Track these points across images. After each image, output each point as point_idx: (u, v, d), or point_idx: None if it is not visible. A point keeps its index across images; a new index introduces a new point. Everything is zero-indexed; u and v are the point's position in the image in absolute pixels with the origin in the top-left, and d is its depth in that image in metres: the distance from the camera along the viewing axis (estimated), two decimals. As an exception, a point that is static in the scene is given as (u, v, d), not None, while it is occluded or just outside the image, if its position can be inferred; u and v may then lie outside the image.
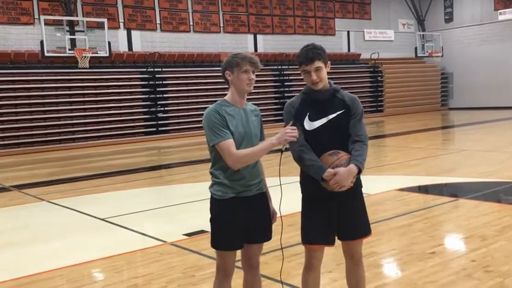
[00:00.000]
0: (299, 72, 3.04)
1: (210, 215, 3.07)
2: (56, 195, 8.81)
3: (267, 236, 3.14)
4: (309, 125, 3.00)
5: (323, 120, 2.99)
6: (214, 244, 3.06)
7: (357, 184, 3.05)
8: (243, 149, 2.90)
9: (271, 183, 3.29)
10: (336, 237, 3.10)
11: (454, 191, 7.90)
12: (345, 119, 2.99)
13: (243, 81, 2.95)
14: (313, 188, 2.99)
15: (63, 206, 7.82)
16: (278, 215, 3.21)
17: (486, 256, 4.50)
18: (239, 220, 2.99)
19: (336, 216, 3.04)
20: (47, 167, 13.31)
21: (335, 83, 3.11)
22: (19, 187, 9.94)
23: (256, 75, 3.04)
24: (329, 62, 3.03)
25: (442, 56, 27.79)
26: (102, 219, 6.78)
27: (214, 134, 2.89)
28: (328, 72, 3.03)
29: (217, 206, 3.01)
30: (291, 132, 2.80)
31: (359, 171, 2.89)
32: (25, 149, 16.77)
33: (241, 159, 2.88)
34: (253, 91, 3.23)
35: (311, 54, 2.93)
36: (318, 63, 2.93)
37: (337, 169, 2.84)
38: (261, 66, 3.02)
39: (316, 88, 2.99)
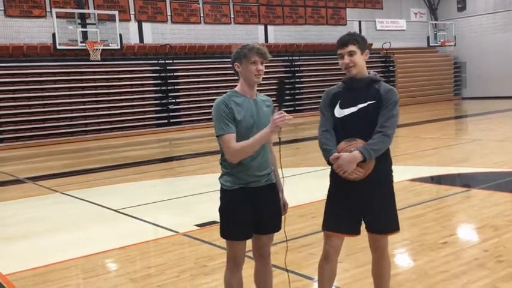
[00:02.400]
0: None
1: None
2: (70, 186, 8.92)
3: (276, 227, 3.15)
4: (339, 112, 3.02)
5: (353, 109, 2.99)
6: (223, 234, 3.09)
7: (385, 178, 3.04)
8: (240, 142, 2.90)
9: (284, 173, 3.29)
10: (355, 229, 3.08)
11: (466, 181, 7.85)
12: (375, 109, 2.95)
13: (252, 73, 2.95)
14: (339, 177, 2.96)
15: (77, 198, 7.91)
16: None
17: (498, 246, 4.49)
18: (247, 210, 3.00)
19: (358, 208, 3.03)
20: (61, 159, 13.44)
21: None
22: (33, 179, 10.07)
23: (267, 66, 3.04)
24: (367, 50, 3.04)
25: (455, 45, 27.46)
26: (115, 211, 6.86)
27: (219, 126, 2.92)
28: None
29: (226, 196, 3.03)
30: (279, 117, 2.79)
31: (364, 159, 2.84)
32: (38, 141, 16.95)
33: (238, 152, 2.89)
34: (264, 82, 3.22)
35: (346, 38, 2.99)
36: (352, 48, 2.96)
37: (341, 153, 2.86)
38: (269, 57, 3.02)
39: (350, 74, 3.01)
